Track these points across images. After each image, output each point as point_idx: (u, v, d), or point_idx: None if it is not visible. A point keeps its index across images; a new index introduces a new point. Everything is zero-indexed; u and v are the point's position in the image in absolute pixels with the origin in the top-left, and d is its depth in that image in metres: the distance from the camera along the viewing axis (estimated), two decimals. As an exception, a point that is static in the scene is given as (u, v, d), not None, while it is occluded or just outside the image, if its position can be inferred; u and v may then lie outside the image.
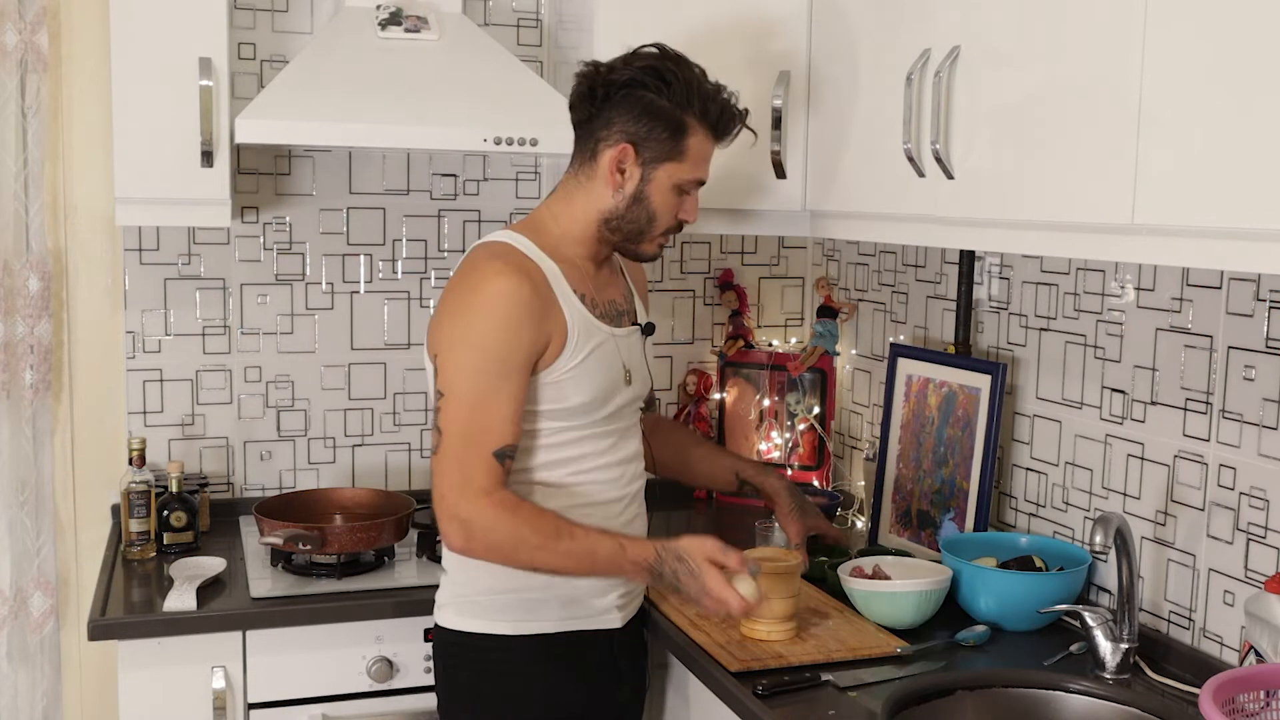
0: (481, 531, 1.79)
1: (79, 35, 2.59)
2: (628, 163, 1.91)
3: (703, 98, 1.91)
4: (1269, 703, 1.56)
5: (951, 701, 1.83)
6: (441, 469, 1.81)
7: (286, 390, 2.78)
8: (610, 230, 1.96)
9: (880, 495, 2.59)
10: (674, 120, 1.90)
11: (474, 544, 1.80)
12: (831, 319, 2.93)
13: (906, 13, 2.01)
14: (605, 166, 1.92)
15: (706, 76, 1.94)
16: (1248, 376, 1.85)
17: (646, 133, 1.90)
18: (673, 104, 1.89)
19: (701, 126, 1.92)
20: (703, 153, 1.94)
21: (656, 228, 1.96)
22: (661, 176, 1.92)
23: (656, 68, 1.91)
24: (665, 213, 1.95)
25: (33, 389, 2.57)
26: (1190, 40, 1.45)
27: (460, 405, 1.81)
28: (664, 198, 1.93)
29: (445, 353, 1.84)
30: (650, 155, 1.91)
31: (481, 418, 1.81)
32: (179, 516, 2.51)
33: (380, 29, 2.44)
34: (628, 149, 1.90)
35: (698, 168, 1.94)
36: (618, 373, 1.96)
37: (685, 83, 1.90)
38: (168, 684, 2.19)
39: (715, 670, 1.91)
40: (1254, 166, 1.37)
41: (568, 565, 1.84)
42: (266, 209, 2.74)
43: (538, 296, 1.84)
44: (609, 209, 1.94)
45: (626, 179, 1.92)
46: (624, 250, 2.00)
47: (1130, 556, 1.88)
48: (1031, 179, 1.73)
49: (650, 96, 1.89)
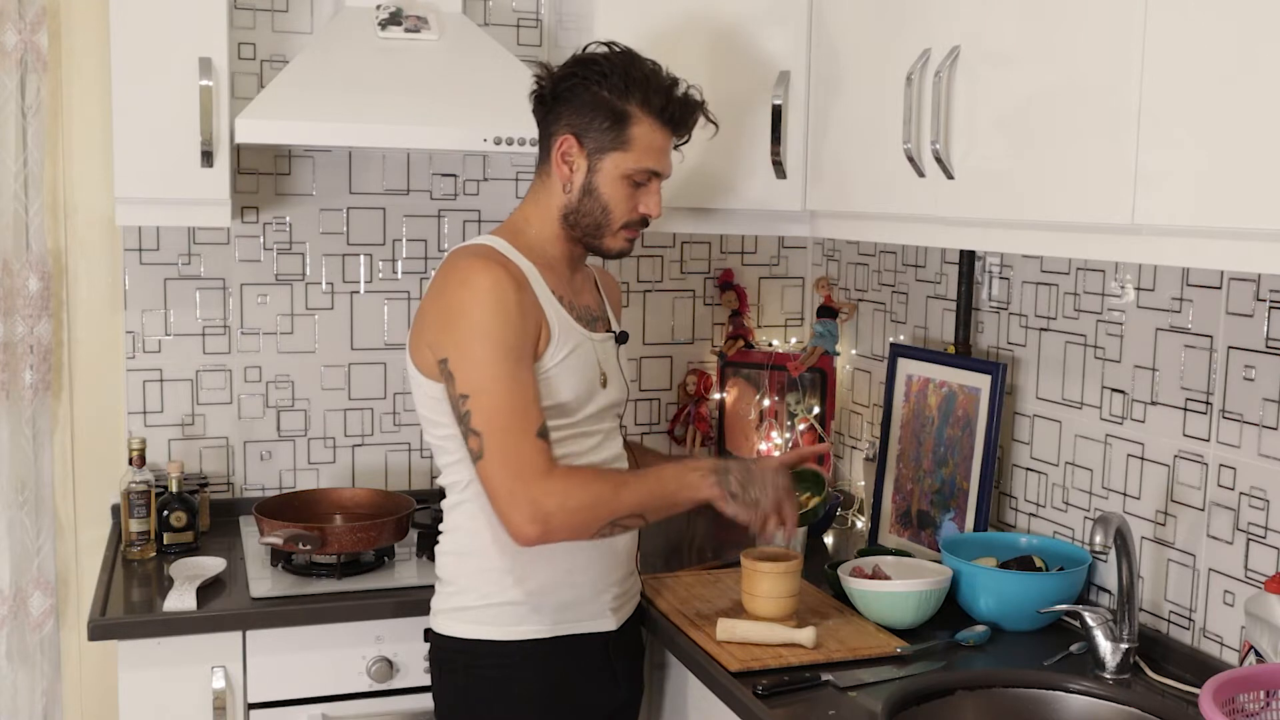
0: (558, 509, 1.78)
1: (79, 35, 2.59)
2: (573, 153, 1.93)
3: (644, 87, 1.91)
4: (1269, 703, 1.56)
5: (951, 701, 1.83)
6: (494, 469, 1.79)
7: (286, 390, 2.78)
8: (570, 226, 1.97)
9: (880, 495, 2.59)
10: (614, 110, 1.90)
11: (554, 523, 1.78)
12: (831, 319, 2.93)
13: (906, 13, 2.01)
14: (554, 159, 1.95)
15: (660, 71, 1.94)
16: (1248, 376, 1.85)
17: (588, 123, 1.91)
18: (612, 94, 1.90)
19: (647, 117, 1.92)
20: (651, 143, 1.93)
21: (613, 220, 1.95)
22: (608, 167, 1.92)
23: (596, 61, 1.93)
24: (618, 204, 1.94)
25: (33, 389, 2.57)
26: (1190, 40, 1.45)
27: (492, 399, 1.80)
28: (613, 189, 1.93)
29: (458, 355, 1.82)
30: (594, 146, 1.92)
31: (515, 405, 1.80)
32: (179, 516, 2.51)
33: (380, 29, 2.44)
34: (570, 139, 1.92)
35: (646, 158, 1.93)
36: (594, 375, 1.96)
37: (625, 74, 1.90)
38: (168, 684, 2.19)
39: (715, 670, 1.91)
40: (1254, 166, 1.37)
41: (645, 501, 1.85)
42: (266, 209, 2.74)
43: (523, 290, 1.86)
44: (564, 204, 1.96)
45: (574, 171, 1.94)
46: (589, 247, 2.00)
47: (1130, 556, 1.88)
48: (1031, 179, 1.73)
49: (591, 88, 1.91)
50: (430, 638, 2.03)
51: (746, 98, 2.39)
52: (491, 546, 1.92)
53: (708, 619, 2.08)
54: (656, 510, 1.88)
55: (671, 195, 2.40)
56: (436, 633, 2.01)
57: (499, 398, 1.80)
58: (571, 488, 1.80)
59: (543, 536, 1.79)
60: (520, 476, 1.78)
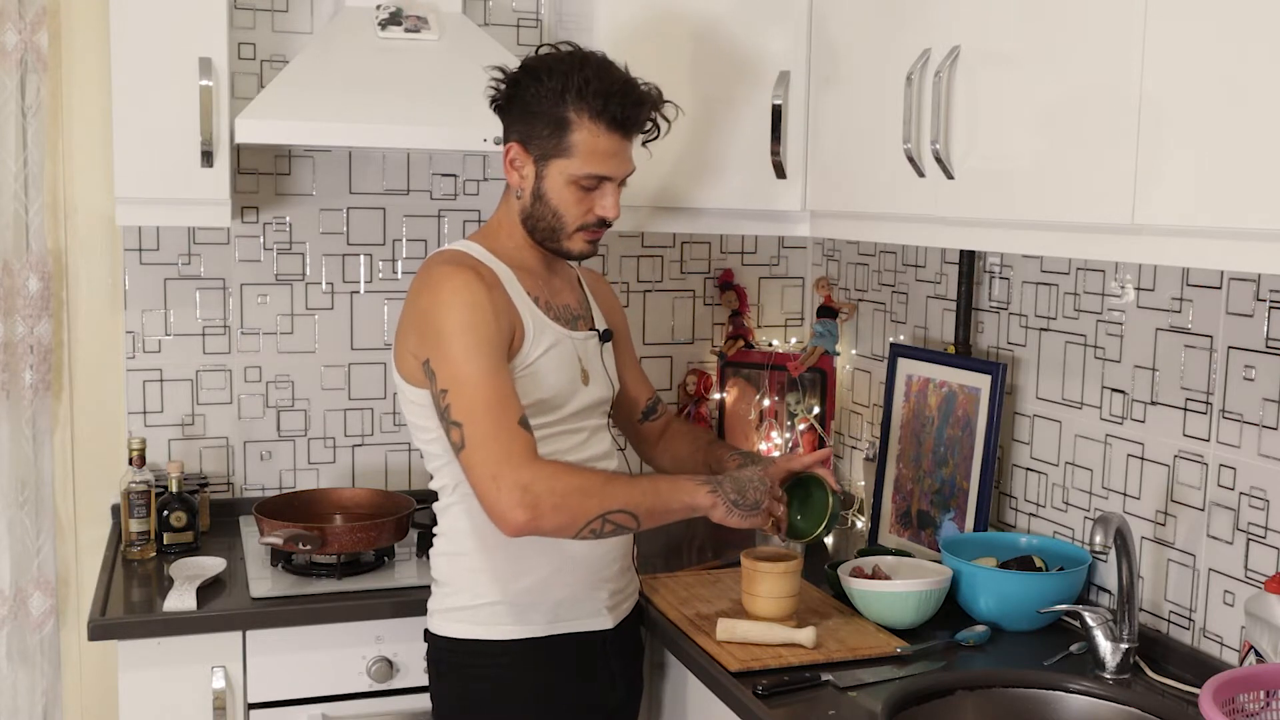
0: (547, 492, 1.75)
1: (79, 35, 2.59)
2: (519, 160, 1.92)
3: (584, 92, 1.85)
4: (1269, 703, 1.56)
5: (951, 701, 1.83)
6: (478, 456, 1.77)
7: (286, 390, 2.78)
8: (530, 230, 1.97)
9: (880, 495, 2.59)
10: (553, 117, 1.88)
11: (542, 506, 1.74)
12: (831, 319, 2.93)
13: (906, 13, 2.01)
14: (506, 165, 1.95)
15: (610, 71, 1.89)
16: (1248, 376, 1.85)
17: (531, 130, 1.90)
18: (550, 100, 1.87)
19: (588, 122, 1.87)
20: (594, 148, 1.87)
21: (566, 224, 1.93)
22: (554, 173, 1.90)
23: (535, 66, 1.90)
24: (569, 209, 1.92)
25: (33, 389, 2.57)
26: (1190, 40, 1.45)
27: (472, 389, 1.79)
28: (561, 194, 1.91)
29: (438, 353, 1.83)
30: (539, 152, 1.91)
31: (495, 394, 1.79)
32: (179, 516, 2.51)
33: (380, 29, 2.44)
34: (514, 146, 1.92)
35: (590, 163, 1.88)
36: (575, 372, 1.96)
37: (565, 77, 1.86)
38: (168, 684, 2.19)
39: (715, 670, 1.91)
40: (1254, 166, 1.37)
41: (634, 499, 1.81)
42: (266, 209, 2.74)
43: (494, 291, 1.86)
44: (519, 208, 1.96)
45: (523, 178, 1.93)
46: (550, 250, 1.99)
47: (1130, 556, 1.88)
48: (1031, 179, 1.73)
49: (530, 94, 1.89)
50: (427, 638, 2.04)
51: (746, 98, 2.39)
52: (481, 547, 1.93)
53: (708, 619, 2.08)
54: (649, 511, 1.83)
55: (671, 195, 2.40)
56: (433, 633, 2.01)
57: (478, 389, 1.79)
58: (559, 472, 1.79)
59: (531, 522, 1.75)
60: (506, 461, 1.76)
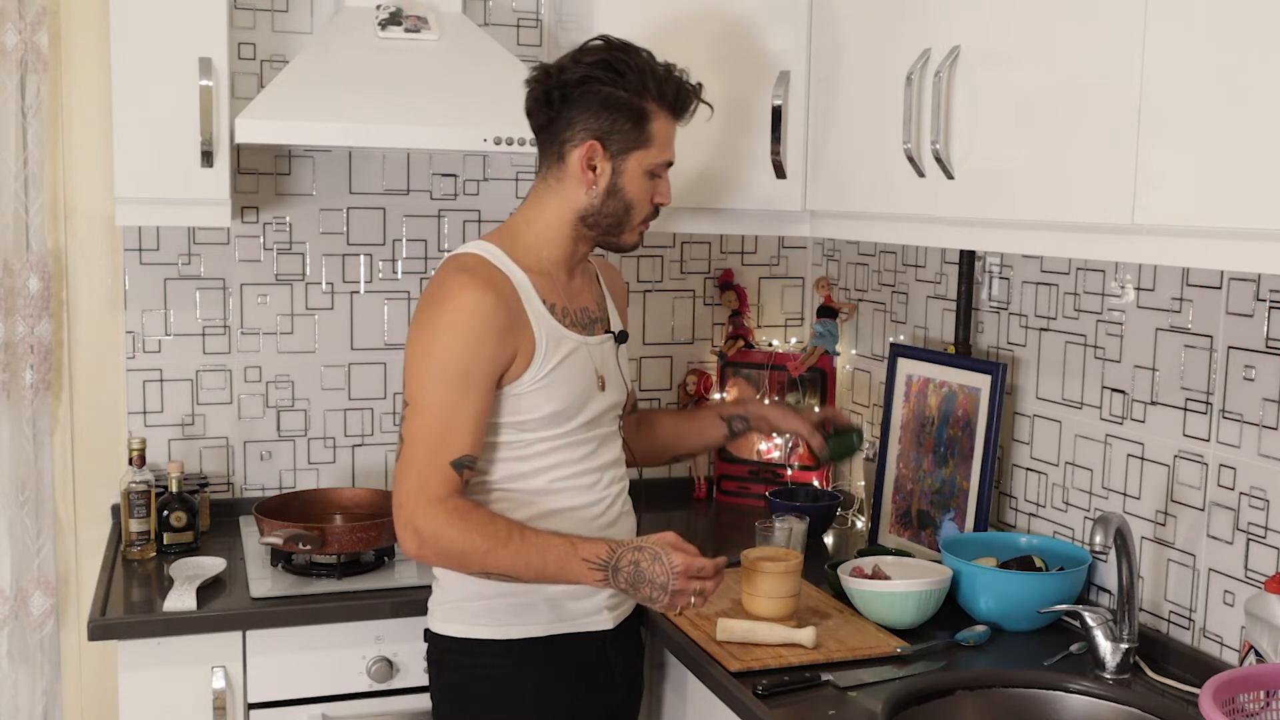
0: (432, 538, 1.81)
1: (79, 35, 2.59)
2: (597, 159, 1.92)
3: (657, 81, 1.92)
4: (1269, 703, 1.56)
5: (951, 701, 1.83)
6: (401, 477, 1.84)
7: (286, 390, 2.78)
8: (588, 227, 1.96)
9: (880, 495, 2.59)
10: (634, 109, 1.90)
11: (426, 550, 1.82)
12: (831, 319, 2.93)
13: (906, 13, 2.01)
14: (575, 166, 1.93)
15: (654, 59, 1.95)
16: (1248, 376, 1.85)
17: (610, 126, 1.91)
18: (630, 93, 1.90)
19: (661, 109, 1.93)
20: (666, 135, 1.96)
21: (635, 217, 1.97)
22: (632, 166, 1.93)
23: (607, 59, 1.91)
24: (641, 200, 1.96)
25: (33, 389, 2.57)
26: (1190, 40, 1.45)
27: (423, 415, 1.83)
28: (637, 186, 1.94)
29: (411, 364, 1.86)
30: (618, 147, 1.92)
31: (442, 428, 1.82)
32: (179, 516, 2.51)
33: (380, 29, 2.44)
34: (595, 145, 1.91)
35: (665, 150, 1.96)
36: (590, 380, 1.96)
37: (638, 70, 1.91)
38: (168, 684, 2.19)
39: (715, 670, 1.91)
40: (1254, 166, 1.37)
41: (518, 568, 1.82)
42: (266, 209, 2.74)
43: (503, 310, 1.85)
44: (584, 206, 1.95)
45: (599, 175, 1.93)
46: (605, 244, 2.01)
47: (1130, 556, 1.88)
48: (1031, 179, 1.73)
49: (607, 90, 1.89)
50: (428, 637, 2.04)
51: (747, 97, 2.39)
52: None
53: (707, 619, 2.08)
54: (534, 578, 1.85)
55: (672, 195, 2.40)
56: (434, 632, 2.01)
57: (430, 418, 1.82)
58: (451, 527, 1.80)
59: (417, 557, 1.84)
60: (415, 495, 1.81)
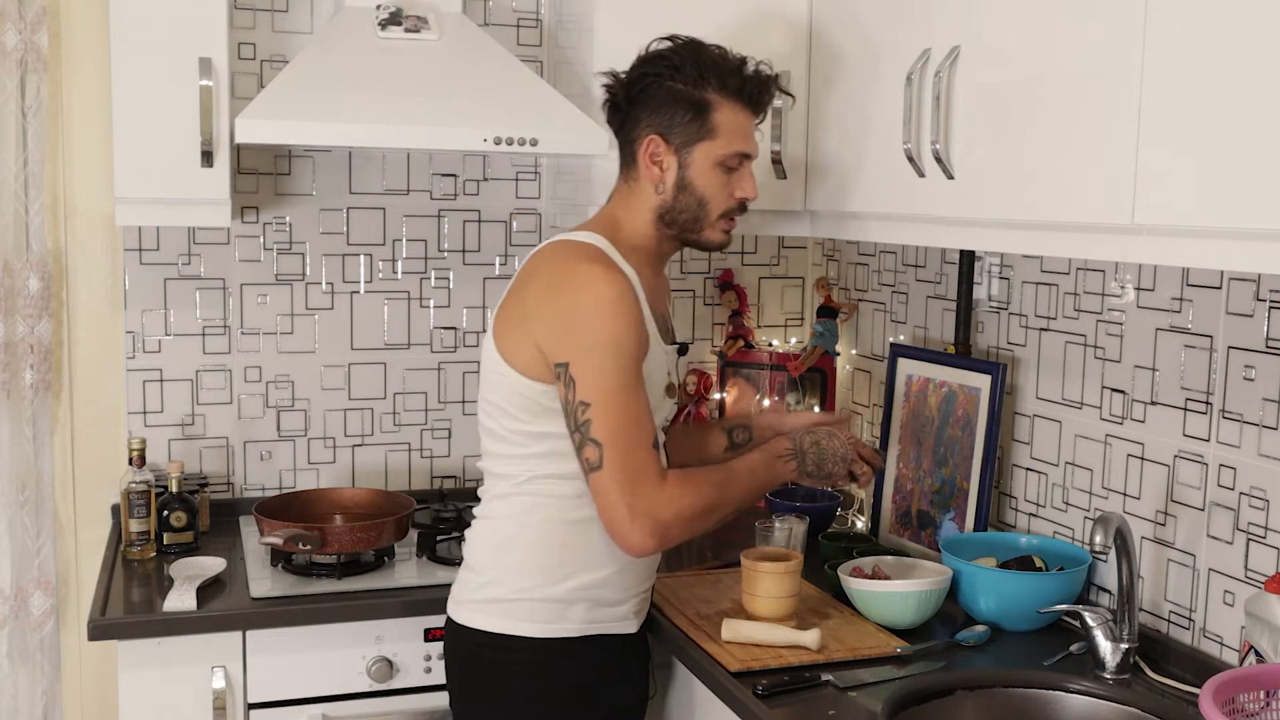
0: (675, 518, 1.82)
1: (79, 35, 2.59)
2: (661, 152, 1.92)
3: (719, 72, 1.91)
4: (1269, 703, 1.56)
5: (951, 701, 1.83)
6: (612, 481, 1.79)
7: (286, 390, 2.78)
8: (668, 225, 1.96)
9: (880, 495, 2.59)
10: (693, 100, 1.90)
11: (671, 533, 1.82)
12: (831, 319, 2.93)
13: (906, 13, 2.01)
14: (642, 162, 1.94)
15: (728, 53, 1.95)
16: (1248, 376, 1.85)
17: (670, 119, 1.91)
18: (688, 85, 1.90)
19: (726, 100, 1.92)
20: (737, 126, 1.93)
21: (711, 210, 1.96)
22: (699, 158, 1.92)
23: (665, 55, 1.93)
24: (715, 193, 1.94)
25: (33, 389, 2.57)
26: (1190, 40, 1.45)
27: (613, 411, 1.80)
28: (708, 178, 1.93)
29: (582, 362, 1.80)
30: (681, 140, 1.92)
31: (635, 418, 1.81)
32: (179, 516, 2.51)
33: (380, 29, 2.44)
34: (656, 139, 1.92)
35: (735, 141, 1.93)
36: (663, 387, 1.97)
37: (696, 62, 1.91)
38: (168, 684, 2.19)
39: (715, 670, 1.91)
40: (1254, 166, 1.37)
41: (746, 496, 1.93)
42: (266, 209, 2.74)
43: (639, 299, 1.87)
44: (658, 204, 1.95)
45: (665, 169, 1.93)
46: (688, 241, 2.00)
47: (1130, 556, 1.88)
48: (1032, 179, 1.73)
49: (666, 84, 1.91)
50: (452, 630, 2.01)
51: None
52: (540, 542, 1.91)
53: (708, 619, 2.08)
54: (743, 500, 1.94)
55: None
56: (464, 625, 1.97)
57: (621, 410, 1.80)
58: (685, 495, 1.84)
59: (659, 547, 1.83)
60: (639, 490, 1.80)
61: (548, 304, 1.85)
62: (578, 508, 1.90)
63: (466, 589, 1.99)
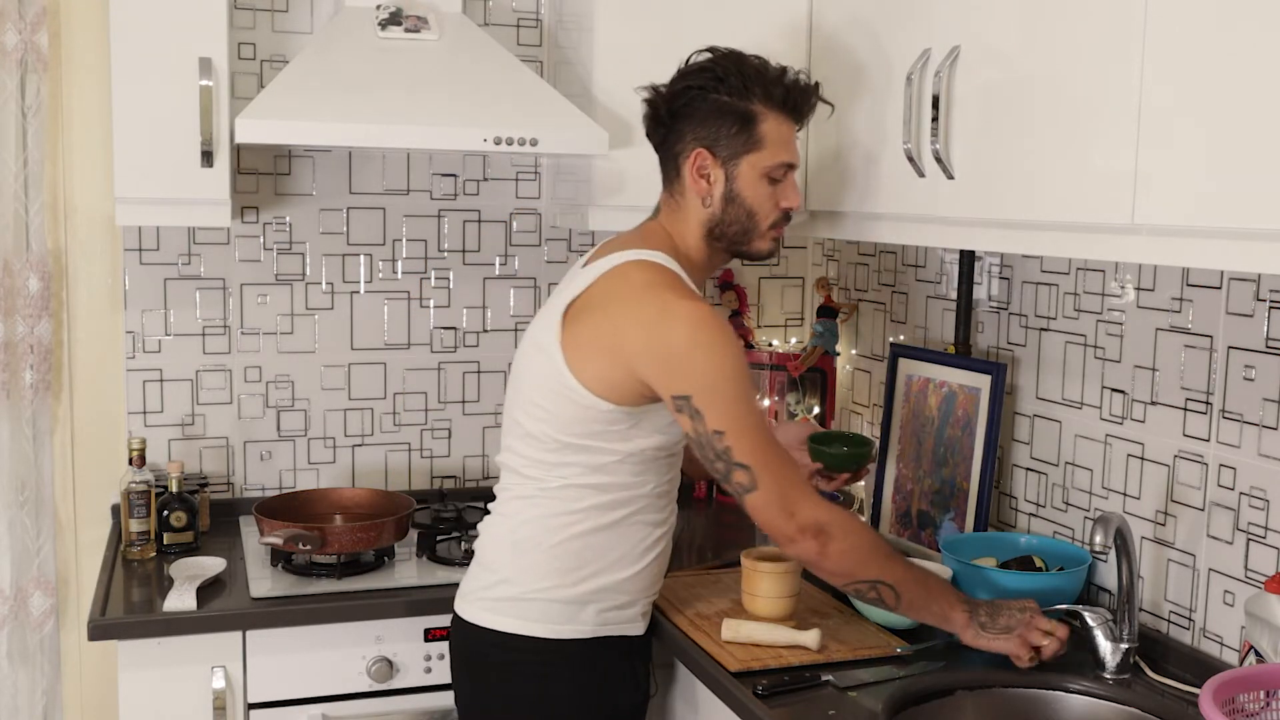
0: (841, 531, 1.82)
1: (79, 35, 2.59)
2: (708, 166, 1.92)
3: (763, 83, 1.91)
4: (1269, 703, 1.56)
5: (951, 701, 1.84)
6: (770, 496, 1.80)
7: (286, 390, 2.78)
8: (717, 238, 1.96)
9: (880, 495, 2.59)
10: (740, 112, 1.90)
11: (833, 544, 1.82)
12: (831, 319, 2.93)
13: (906, 13, 2.01)
14: (688, 177, 1.94)
15: (769, 63, 1.95)
16: (1248, 376, 1.85)
17: (716, 132, 1.91)
18: (733, 97, 1.90)
19: (770, 111, 1.92)
20: (781, 136, 1.93)
21: (760, 222, 1.95)
22: (745, 170, 1.92)
23: (708, 68, 1.92)
24: (762, 204, 1.94)
25: (33, 389, 2.57)
26: (1190, 40, 1.45)
27: (755, 433, 1.81)
28: (755, 190, 1.93)
29: (708, 394, 1.79)
30: (727, 153, 1.91)
31: (768, 436, 1.83)
32: (179, 516, 2.51)
33: (380, 29, 2.44)
34: (702, 153, 1.92)
35: (780, 152, 1.93)
36: None
37: (740, 73, 1.90)
38: (168, 684, 2.19)
39: (715, 670, 1.91)
40: (1254, 166, 1.37)
41: (908, 583, 1.88)
42: (266, 209, 2.74)
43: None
44: (707, 218, 1.95)
45: (712, 183, 1.93)
46: (737, 253, 2.00)
47: (1130, 556, 1.88)
48: (1032, 179, 1.73)
49: (711, 97, 1.90)
50: (459, 628, 2.00)
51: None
52: (562, 545, 1.90)
53: (708, 619, 2.08)
54: (910, 602, 1.89)
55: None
56: (468, 622, 1.97)
57: (760, 432, 1.82)
58: (855, 523, 1.87)
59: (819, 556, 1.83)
60: (801, 500, 1.82)
61: (651, 338, 1.82)
62: (605, 514, 1.90)
63: (478, 585, 1.98)
